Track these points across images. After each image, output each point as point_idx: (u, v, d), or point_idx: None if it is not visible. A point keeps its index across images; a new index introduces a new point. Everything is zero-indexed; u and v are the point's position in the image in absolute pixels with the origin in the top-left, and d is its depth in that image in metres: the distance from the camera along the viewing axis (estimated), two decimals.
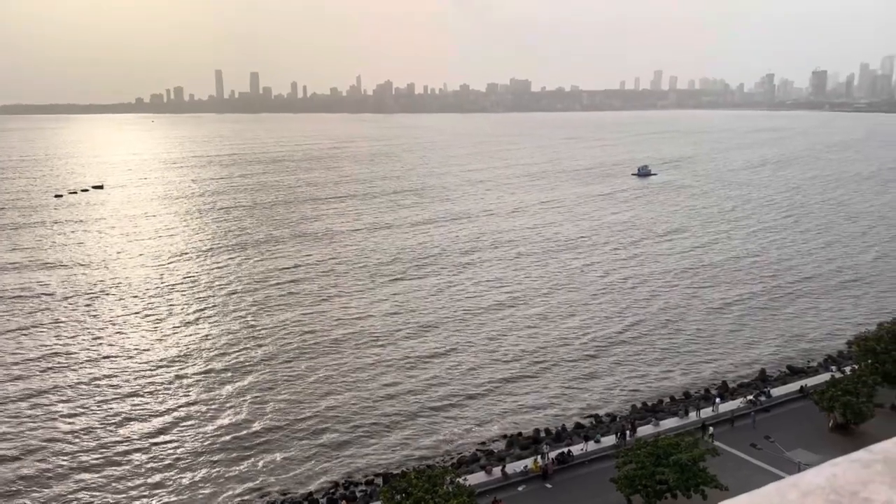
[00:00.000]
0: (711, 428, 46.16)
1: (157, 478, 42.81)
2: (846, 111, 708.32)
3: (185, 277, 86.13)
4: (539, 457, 42.91)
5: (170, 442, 46.77)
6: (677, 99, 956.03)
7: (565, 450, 44.13)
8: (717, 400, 50.14)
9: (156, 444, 46.53)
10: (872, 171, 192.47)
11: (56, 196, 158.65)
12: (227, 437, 47.27)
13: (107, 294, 79.17)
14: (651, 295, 77.96)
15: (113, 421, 49.51)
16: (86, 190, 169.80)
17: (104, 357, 60.72)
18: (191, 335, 65.96)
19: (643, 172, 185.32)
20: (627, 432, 45.17)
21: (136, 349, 62.56)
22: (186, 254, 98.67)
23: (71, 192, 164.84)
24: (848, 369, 51.84)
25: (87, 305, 75.00)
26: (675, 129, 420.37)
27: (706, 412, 48.51)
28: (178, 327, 68.16)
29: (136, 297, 78.11)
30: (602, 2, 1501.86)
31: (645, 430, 45.83)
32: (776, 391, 52.21)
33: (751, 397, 50.38)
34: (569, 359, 60.79)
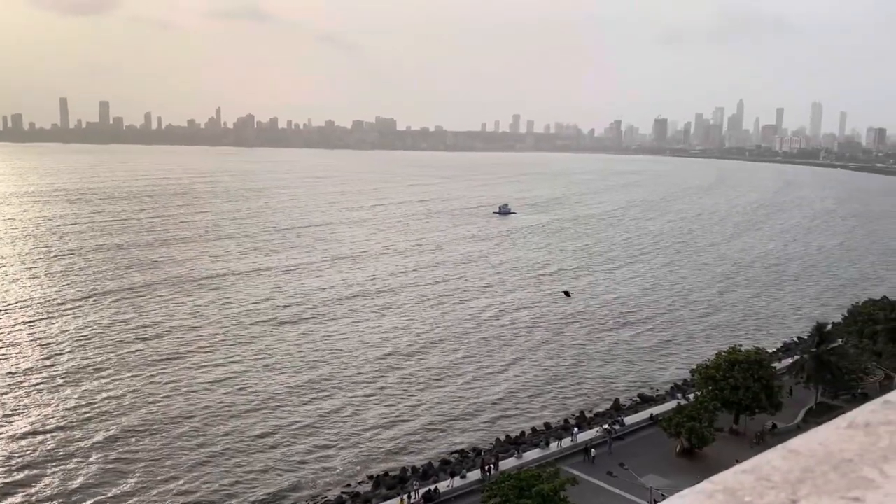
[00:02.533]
0: (594, 450, 48.24)
1: None
2: (684, 156, 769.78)
3: (21, 332, 75.95)
4: (406, 496, 42.58)
5: None
6: (535, 142, 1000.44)
7: (432, 487, 44.11)
8: (576, 430, 52.10)
9: None
10: (723, 214, 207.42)
11: None
12: None
13: None
14: (515, 331, 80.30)
15: None
16: None
17: None
18: (30, 403, 58.08)
19: (504, 211, 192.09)
20: (491, 466, 45.85)
21: None
22: (26, 304, 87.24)
23: None
24: (692, 396, 55.49)
25: None
26: (537, 171, 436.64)
27: (566, 442, 50.26)
28: (11, 394, 59.57)
29: None
30: (463, 49, 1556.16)
31: (508, 463, 46.72)
32: (629, 419, 55.04)
33: (606, 426, 52.81)
34: (435, 396, 61.16)
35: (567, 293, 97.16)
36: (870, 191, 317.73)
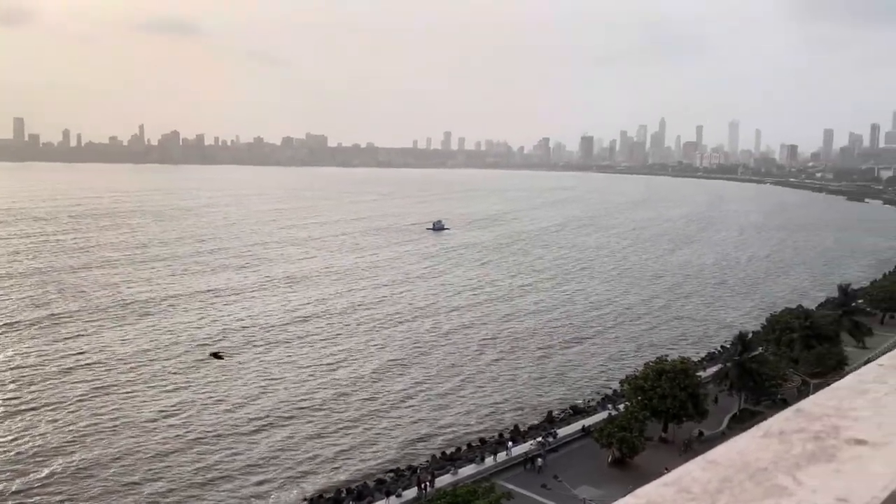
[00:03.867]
0: (540, 459, 48.57)
1: None
2: (610, 173, 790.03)
3: None
4: None
5: None
6: (466, 159, 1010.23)
7: None
8: (510, 444, 52.45)
9: None
10: (655, 229, 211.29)
11: None
12: None
13: None
14: (451, 350, 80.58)
15: None
16: None
17: None
18: None
19: (438, 227, 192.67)
20: (427, 483, 45.69)
21: None
22: None
23: None
24: (622, 407, 56.68)
25: None
26: (471, 187, 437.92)
27: (501, 457, 50.54)
28: None
29: None
30: (394, 66, 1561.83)
31: (444, 480, 46.63)
32: (562, 431, 55.84)
33: (540, 439, 53.38)
34: (372, 415, 60.68)
35: (217, 356, 73.93)
36: (788, 204, 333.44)
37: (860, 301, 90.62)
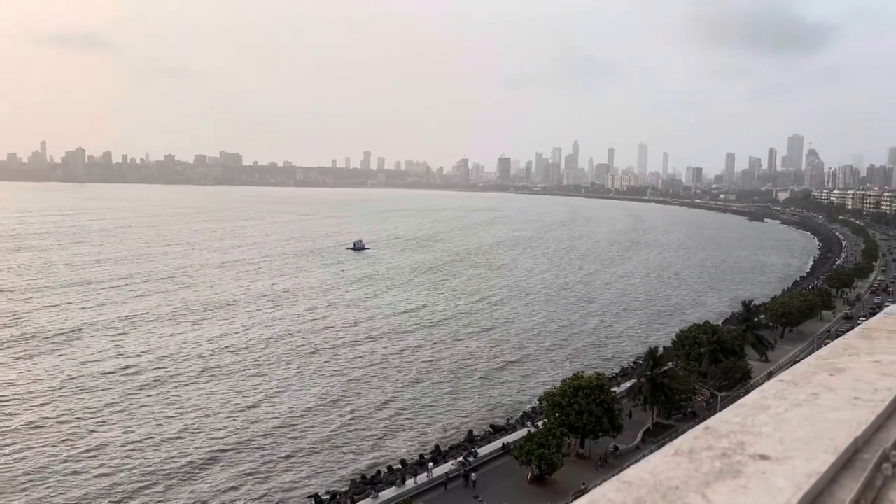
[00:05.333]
0: (474, 474, 48.46)
1: None
2: (527, 193, 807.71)
3: None
4: None
5: None
6: (386, 178, 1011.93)
7: None
8: (431, 465, 52.36)
9: None
10: (585, 251, 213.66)
11: None
12: None
13: None
14: (371, 371, 79.86)
15: None
16: None
17: None
18: None
19: (358, 247, 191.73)
20: None
21: None
22: None
23: None
24: (541, 424, 57.45)
25: None
26: (395, 207, 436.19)
27: (421, 478, 50.40)
28: None
29: None
30: (312, 85, 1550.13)
31: None
32: (482, 450, 56.11)
33: (460, 458, 53.52)
34: (290, 442, 59.41)
35: None
36: (697, 223, 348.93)
37: (762, 316, 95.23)
